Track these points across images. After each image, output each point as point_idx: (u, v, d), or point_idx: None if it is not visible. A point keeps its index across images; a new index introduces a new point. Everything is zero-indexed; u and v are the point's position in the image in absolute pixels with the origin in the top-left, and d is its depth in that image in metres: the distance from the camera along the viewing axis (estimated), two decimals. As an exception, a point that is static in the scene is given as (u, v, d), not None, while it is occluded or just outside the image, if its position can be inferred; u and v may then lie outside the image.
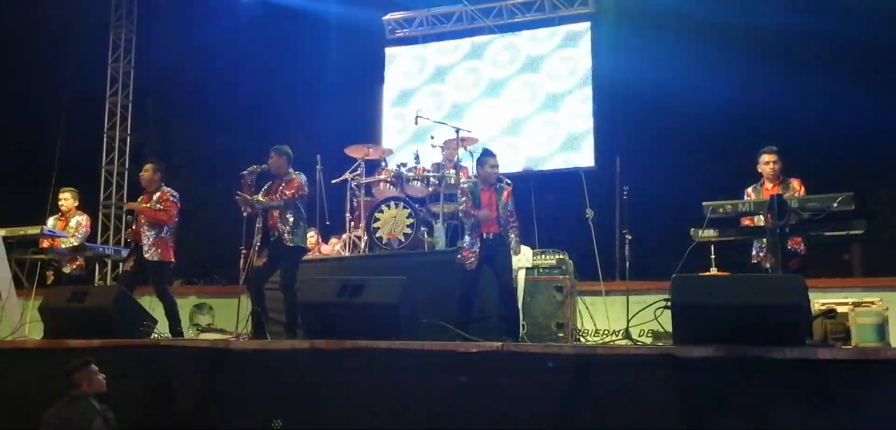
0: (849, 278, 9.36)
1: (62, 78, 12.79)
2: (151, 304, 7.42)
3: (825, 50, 10.03)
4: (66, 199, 8.46)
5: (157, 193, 7.43)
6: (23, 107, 12.91)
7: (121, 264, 8.96)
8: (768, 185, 6.71)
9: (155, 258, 7.25)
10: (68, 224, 8.33)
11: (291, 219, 7.01)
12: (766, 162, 6.75)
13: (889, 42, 9.72)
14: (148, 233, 7.28)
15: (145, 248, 7.24)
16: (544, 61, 12.15)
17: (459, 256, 6.82)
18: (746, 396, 4.65)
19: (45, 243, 8.04)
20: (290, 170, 7.17)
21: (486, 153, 7.08)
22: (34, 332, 7.28)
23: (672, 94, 10.59)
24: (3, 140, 12.81)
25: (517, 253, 7.04)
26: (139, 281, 7.44)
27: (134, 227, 7.45)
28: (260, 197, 7.06)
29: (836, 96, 9.92)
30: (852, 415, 4.47)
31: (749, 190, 6.80)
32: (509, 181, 7.27)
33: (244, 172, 7.09)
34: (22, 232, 7.74)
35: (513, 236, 6.90)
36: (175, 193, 7.50)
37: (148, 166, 7.56)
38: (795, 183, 6.67)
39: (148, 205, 7.39)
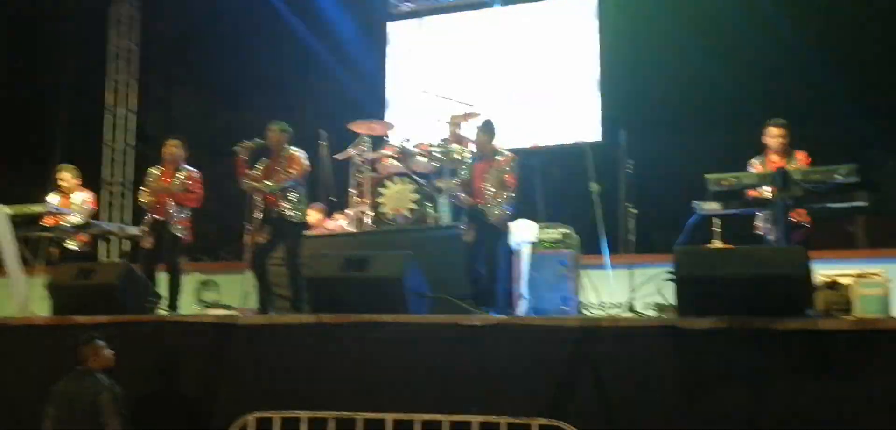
0: (853, 249, 9.35)
1: (64, 55, 12.79)
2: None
3: (831, 21, 9.98)
4: (65, 178, 8.42)
5: (183, 173, 7.46)
6: (25, 84, 12.91)
7: (136, 242, 8.95)
8: (774, 157, 6.70)
9: (180, 234, 7.35)
10: (72, 201, 8.34)
11: (292, 195, 7.03)
12: (774, 136, 6.72)
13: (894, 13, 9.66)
14: (175, 209, 7.34)
15: (172, 223, 7.31)
16: (549, 34, 12.09)
17: (461, 229, 6.86)
18: (749, 367, 4.68)
19: (50, 221, 8.07)
20: (287, 146, 7.17)
21: (479, 126, 7.09)
22: (41, 309, 7.33)
23: (678, 67, 10.55)
24: (6, 117, 12.81)
25: (494, 221, 6.84)
26: (160, 258, 7.47)
27: (153, 202, 7.42)
28: (267, 182, 7.04)
29: (842, 67, 9.88)
30: (854, 385, 4.51)
31: (755, 161, 6.78)
32: (507, 153, 7.10)
33: (237, 148, 7.09)
34: (27, 209, 7.76)
35: (494, 208, 6.74)
36: (197, 172, 7.53)
37: (176, 142, 7.56)
38: (800, 156, 6.65)
39: (171, 183, 7.40)
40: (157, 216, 7.38)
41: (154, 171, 7.53)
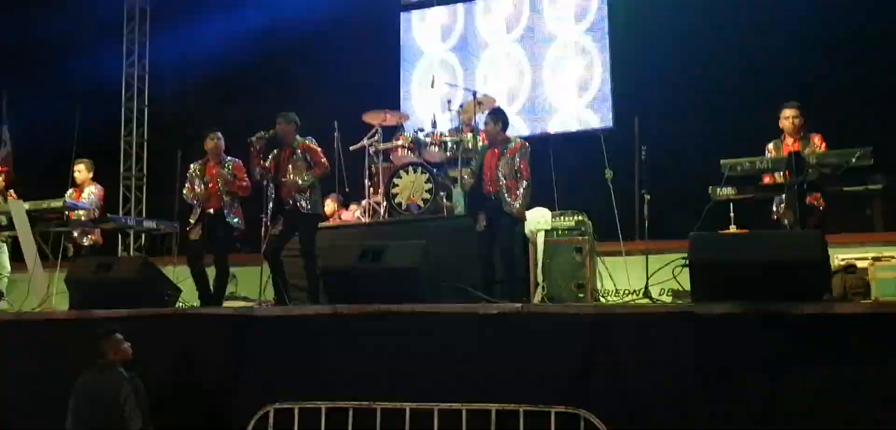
0: (870, 233, 9.30)
1: (79, 52, 12.86)
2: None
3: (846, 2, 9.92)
4: (80, 170, 8.55)
5: (230, 163, 7.50)
6: (42, 81, 12.99)
7: (152, 236, 8.88)
8: (789, 140, 6.65)
9: (234, 223, 7.42)
10: (82, 195, 8.43)
11: (307, 187, 7.05)
12: (787, 117, 6.67)
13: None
14: (227, 200, 7.41)
15: (226, 213, 7.37)
16: (561, 22, 12.06)
17: (476, 220, 6.79)
18: (765, 351, 4.67)
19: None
20: (298, 137, 7.18)
21: (488, 113, 7.03)
22: (61, 303, 7.41)
23: (691, 52, 10.51)
24: (24, 115, 12.91)
25: (513, 211, 6.73)
26: (210, 250, 7.49)
27: (201, 190, 7.44)
28: (297, 180, 7.06)
29: (858, 49, 9.81)
30: (872, 369, 4.48)
31: (770, 146, 6.74)
32: (519, 139, 7.05)
33: (252, 139, 7.11)
34: (45, 205, 7.85)
35: (508, 197, 6.65)
36: (241, 162, 7.55)
37: (215, 135, 7.56)
38: (817, 139, 6.60)
39: (221, 172, 7.43)
40: (209, 209, 7.40)
41: (196, 165, 7.57)
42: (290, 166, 7.09)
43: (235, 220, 7.43)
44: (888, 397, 4.43)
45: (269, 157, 7.20)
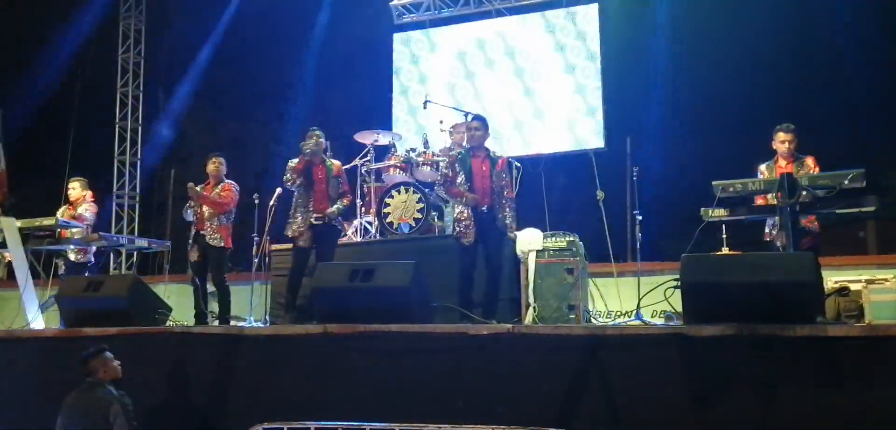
0: (864, 255, 9.31)
1: (73, 70, 12.86)
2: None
3: (838, 25, 9.97)
4: (75, 188, 8.55)
5: (220, 185, 7.70)
6: (35, 99, 12.98)
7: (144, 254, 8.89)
8: (782, 162, 6.66)
9: (217, 244, 7.53)
10: (76, 212, 8.41)
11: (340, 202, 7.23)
12: (782, 141, 6.67)
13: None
14: (211, 220, 7.55)
15: (208, 235, 7.52)
16: (553, 43, 12.11)
17: (457, 229, 6.64)
18: (756, 374, 4.66)
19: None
20: (325, 157, 7.31)
21: (473, 119, 6.99)
22: (51, 321, 7.37)
23: (682, 73, 10.56)
24: (17, 133, 12.88)
25: (511, 231, 6.72)
26: (207, 268, 7.63)
27: (197, 214, 7.60)
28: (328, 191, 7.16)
29: (851, 71, 9.87)
30: (865, 392, 4.47)
31: (762, 167, 6.75)
32: (502, 155, 6.96)
33: (306, 152, 7.09)
34: (37, 223, 7.82)
35: (505, 214, 6.60)
36: (236, 185, 7.77)
37: (216, 160, 7.77)
38: (810, 161, 6.60)
39: (210, 194, 7.63)
40: (199, 229, 7.57)
41: (197, 188, 7.69)
42: (326, 185, 7.20)
43: (216, 238, 7.54)
44: (881, 420, 4.41)
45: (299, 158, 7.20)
